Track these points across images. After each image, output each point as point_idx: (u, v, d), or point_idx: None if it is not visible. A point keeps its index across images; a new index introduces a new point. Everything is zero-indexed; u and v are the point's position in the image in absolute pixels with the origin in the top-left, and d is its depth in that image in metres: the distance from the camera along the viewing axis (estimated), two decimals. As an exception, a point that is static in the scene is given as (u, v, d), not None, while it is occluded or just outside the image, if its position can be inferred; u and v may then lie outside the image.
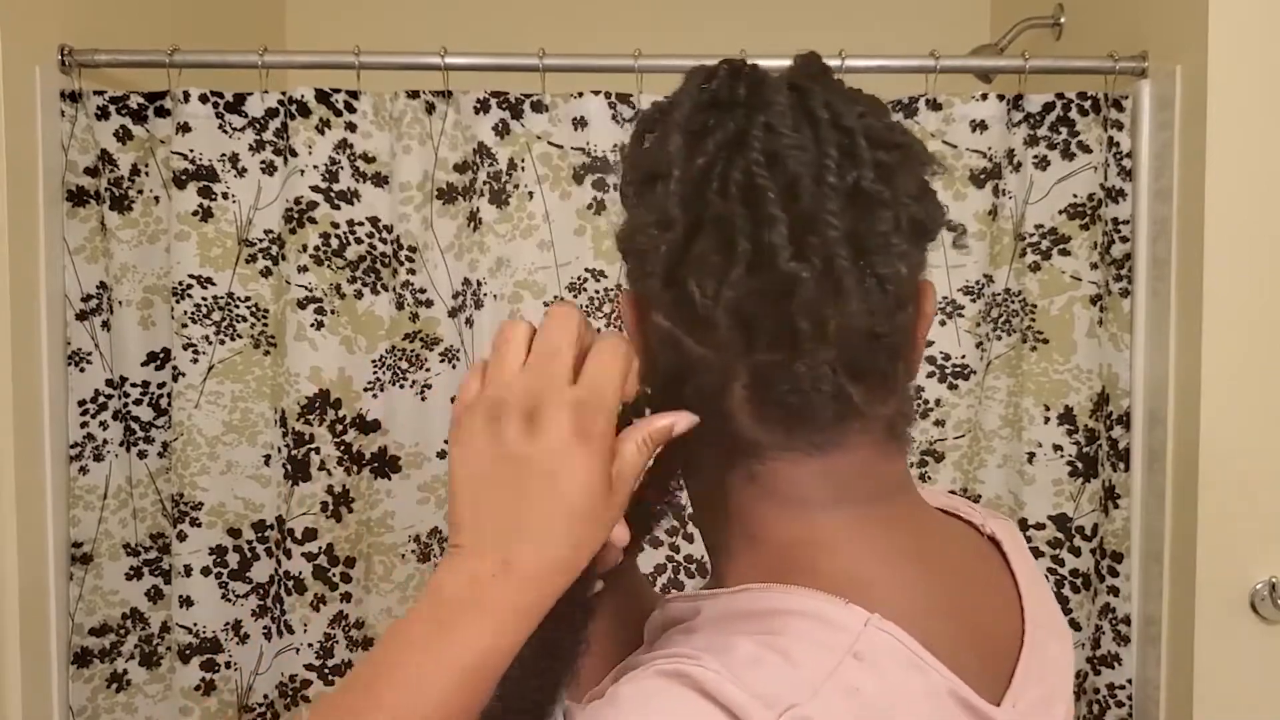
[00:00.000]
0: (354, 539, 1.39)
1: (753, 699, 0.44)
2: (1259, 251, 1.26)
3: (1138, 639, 1.40)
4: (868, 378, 0.51)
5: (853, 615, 0.49)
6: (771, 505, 0.53)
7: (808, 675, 0.46)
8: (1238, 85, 1.26)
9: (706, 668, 0.46)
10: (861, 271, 0.49)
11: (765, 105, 0.50)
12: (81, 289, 1.37)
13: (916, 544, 0.54)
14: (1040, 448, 1.40)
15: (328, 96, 1.35)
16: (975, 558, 0.59)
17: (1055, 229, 1.39)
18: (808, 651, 0.47)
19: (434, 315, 1.39)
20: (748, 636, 0.48)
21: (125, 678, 1.42)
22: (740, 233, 0.48)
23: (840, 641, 0.48)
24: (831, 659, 0.47)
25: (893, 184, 0.50)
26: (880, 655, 0.48)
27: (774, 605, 0.50)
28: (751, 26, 2.21)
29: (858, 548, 0.52)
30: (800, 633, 0.48)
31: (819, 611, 0.49)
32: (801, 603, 0.50)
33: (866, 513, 0.53)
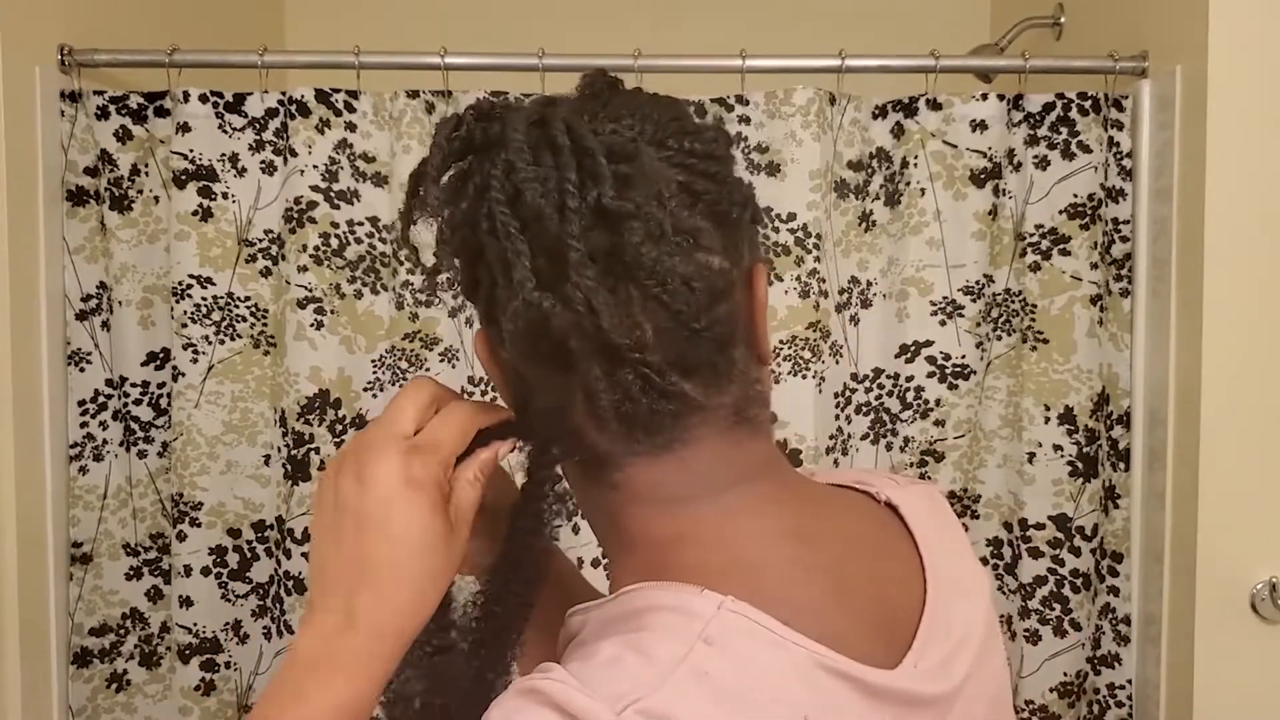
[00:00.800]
0: (354, 539, 1.39)
1: (597, 702, 0.45)
2: (1259, 251, 1.26)
3: (1138, 639, 1.40)
4: (698, 372, 0.53)
5: (706, 601, 0.50)
6: (637, 507, 0.55)
7: (658, 667, 0.47)
8: (1238, 85, 1.26)
9: (554, 679, 0.47)
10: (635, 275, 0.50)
11: (504, 143, 0.51)
12: (81, 289, 1.37)
13: (790, 521, 0.55)
14: (1040, 448, 1.40)
15: (327, 96, 1.35)
16: (868, 526, 0.59)
17: (1055, 229, 1.39)
18: (662, 643, 0.48)
19: (434, 315, 1.39)
20: (611, 639, 0.50)
21: (125, 678, 1.42)
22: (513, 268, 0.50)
23: (691, 628, 0.49)
24: (682, 646, 0.48)
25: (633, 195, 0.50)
26: (732, 637, 0.49)
27: (640, 604, 0.52)
28: (751, 26, 2.21)
29: (722, 535, 0.54)
30: (656, 625, 0.49)
31: (676, 603, 0.50)
32: (660, 597, 0.51)
33: (730, 499, 0.55)
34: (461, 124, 0.53)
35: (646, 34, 1.96)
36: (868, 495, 0.62)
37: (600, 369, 0.51)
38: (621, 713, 0.45)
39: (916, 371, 1.41)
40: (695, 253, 0.52)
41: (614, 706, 0.45)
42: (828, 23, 2.22)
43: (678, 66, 1.39)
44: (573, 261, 0.49)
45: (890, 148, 1.41)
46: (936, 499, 0.65)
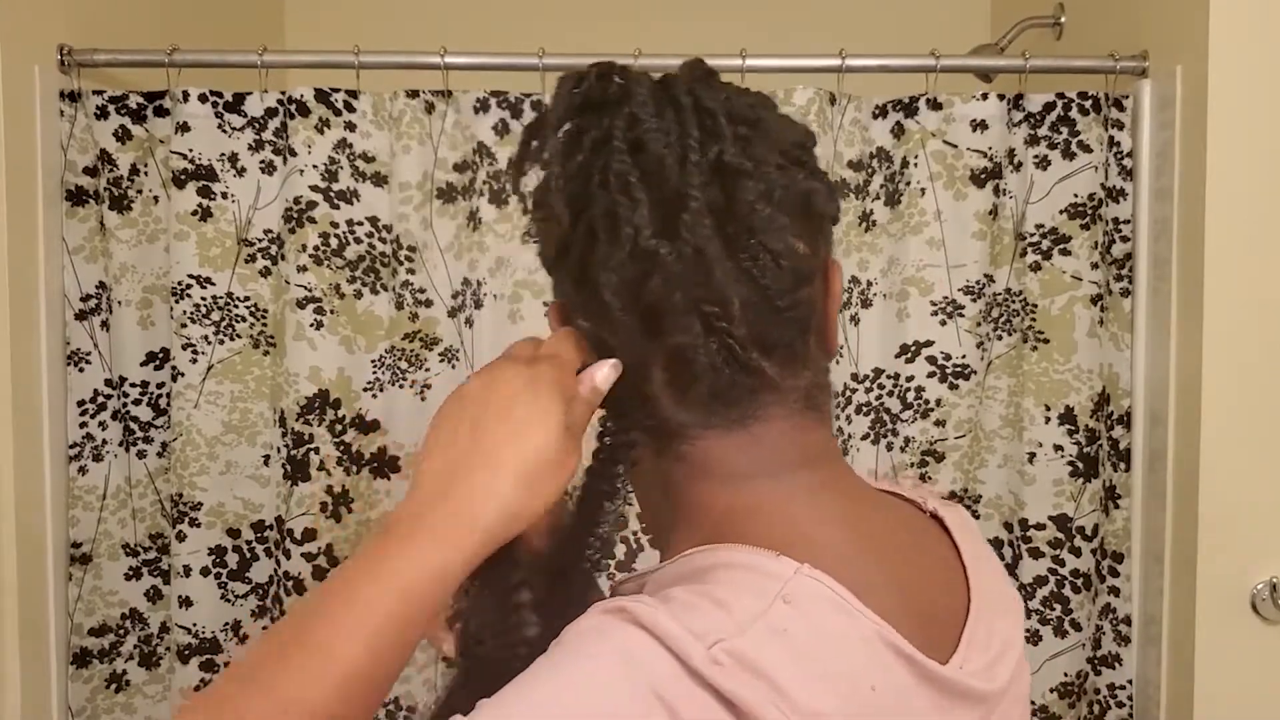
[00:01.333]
0: (353, 539, 1.39)
1: (685, 631, 0.46)
2: (1259, 251, 1.26)
3: (1138, 639, 1.39)
4: (776, 351, 0.55)
5: (783, 565, 0.50)
6: (702, 481, 0.56)
7: (737, 617, 0.48)
8: (1238, 85, 1.26)
9: (643, 603, 0.48)
10: (735, 244, 0.52)
11: (629, 98, 0.54)
12: (80, 289, 1.37)
13: (846, 509, 0.57)
14: (1041, 448, 1.40)
15: (327, 96, 1.35)
16: (915, 531, 0.60)
17: (1056, 229, 1.39)
18: (738, 597, 0.49)
19: (433, 315, 1.39)
20: (683, 588, 0.50)
21: (124, 678, 1.42)
22: (622, 220, 0.52)
23: (770, 587, 0.49)
24: (761, 602, 0.48)
25: (753, 156, 0.53)
26: (809, 600, 0.49)
27: (709, 561, 0.52)
28: (751, 26, 2.21)
29: (786, 512, 0.55)
30: (732, 581, 0.50)
31: (750, 563, 0.51)
32: (733, 556, 0.52)
33: (793, 480, 0.56)
34: (584, 80, 0.55)
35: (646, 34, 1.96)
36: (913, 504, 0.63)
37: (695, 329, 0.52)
38: (711, 648, 0.45)
39: (917, 371, 1.41)
40: (787, 234, 0.54)
41: (701, 638, 0.46)
42: (828, 23, 2.22)
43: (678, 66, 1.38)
44: (692, 210, 0.51)
45: (890, 147, 1.41)
46: (971, 522, 0.66)
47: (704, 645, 0.45)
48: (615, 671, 0.45)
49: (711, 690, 0.45)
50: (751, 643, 0.46)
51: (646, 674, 0.45)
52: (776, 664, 0.46)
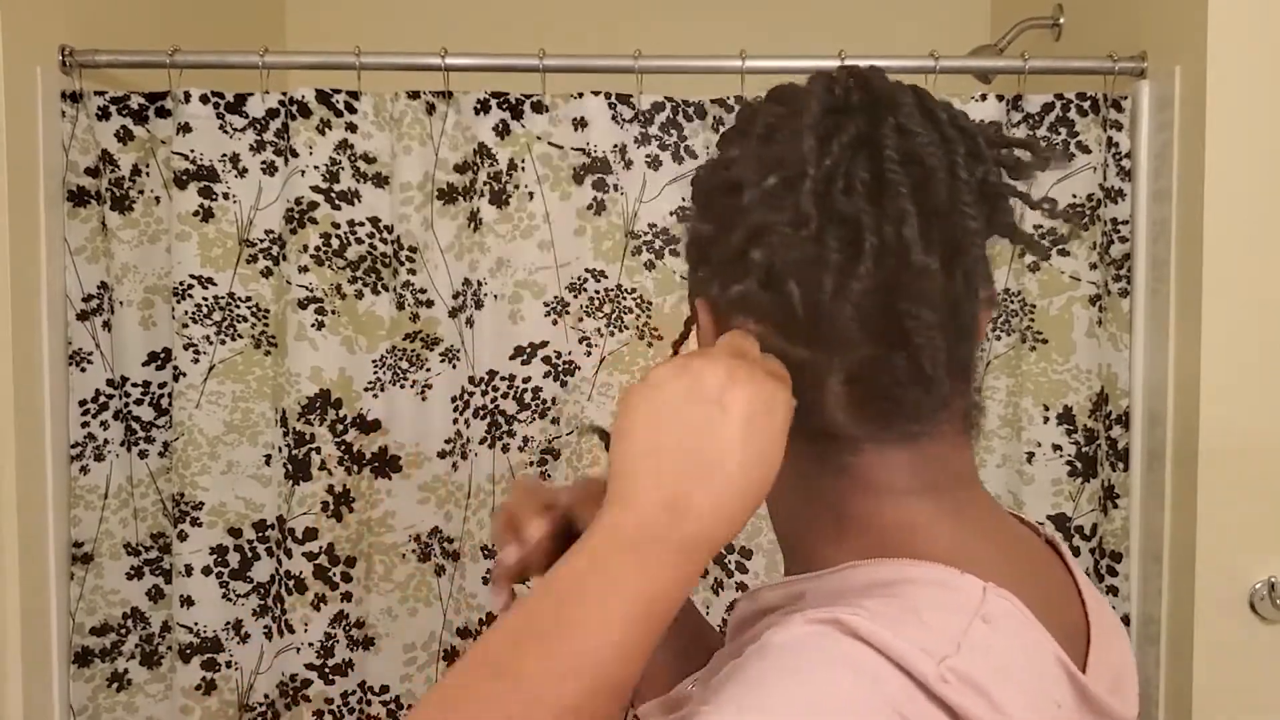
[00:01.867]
0: (354, 539, 1.39)
1: (912, 645, 0.45)
2: (1258, 251, 1.26)
3: (1137, 638, 1.40)
4: (955, 369, 0.54)
5: (971, 582, 0.50)
6: (864, 495, 0.55)
7: (946, 632, 0.47)
8: (1237, 85, 1.26)
9: (860, 615, 0.46)
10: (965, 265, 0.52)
11: (893, 107, 0.52)
12: (82, 289, 1.38)
13: (997, 529, 0.57)
14: (1039, 447, 1.41)
15: (328, 97, 1.36)
16: (1040, 554, 0.61)
17: (1055, 229, 1.39)
18: (936, 614, 0.48)
19: (434, 315, 1.39)
20: (877, 601, 0.49)
21: (126, 677, 1.42)
22: (868, 229, 0.50)
23: (966, 604, 0.49)
24: (962, 619, 0.48)
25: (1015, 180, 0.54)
26: (1003, 619, 0.49)
27: (891, 576, 0.51)
28: (751, 26, 2.21)
29: (948, 530, 0.54)
30: (924, 597, 0.49)
31: (940, 579, 0.50)
32: (919, 572, 0.51)
33: (951, 499, 0.55)
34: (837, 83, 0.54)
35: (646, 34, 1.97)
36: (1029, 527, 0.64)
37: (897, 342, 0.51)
38: (941, 664, 0.45)
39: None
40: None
41: (932, 658, 0.45)
42: (828, 23, 2.22)
43: (678, 67, 1.39)
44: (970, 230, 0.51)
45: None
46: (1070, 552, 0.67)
47: (934, 661, 0.45)
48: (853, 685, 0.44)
49: (943, 706, 0.45)
50: (967, 660, 0.46)
51: (884, 689, 0.44)
52: (990, 681, 0.46)
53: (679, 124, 1.39)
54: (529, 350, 1.39)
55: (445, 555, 1.42)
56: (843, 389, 0.53)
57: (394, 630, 1.40)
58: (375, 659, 1.40)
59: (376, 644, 1.40)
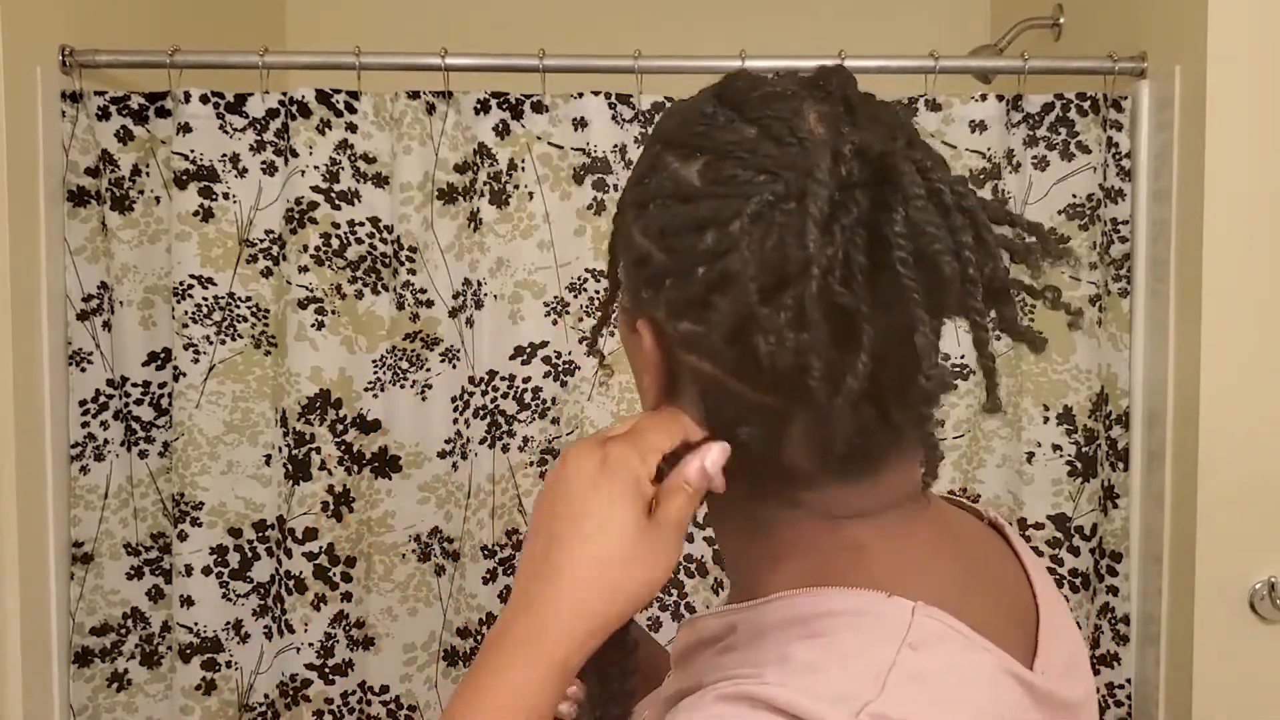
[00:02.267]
0: (354, 538, 1.39)
1: (825, 704, 0.44)
2: (1258, 251, 1.26)
3: (1136, 638, 1.40)
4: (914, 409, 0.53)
5: (898, 606, 0.49)
6: (815, 522, 0.54)
7: (868, 671, 0.46)
8: (1237, 85, 1.26)
9: (770, 683, 0.46)
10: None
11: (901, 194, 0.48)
12: (82, 289, 1.38)
13: (942, 534, 0.56)
14: (1039, 448, 1.41)
15: (328, 97, 1.36)
16: (988, 541, 0.61)
17: (1054, 229, 1.40)
18: (861, 648, 0.47)
19: (434, 315, 1.39)
20: (797, 643, 0.48)
21: (126, 677, 1.42)
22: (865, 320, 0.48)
23: (892, 633, 0.48)
24: (888, 651, 0.47)
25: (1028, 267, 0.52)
26: (933, 641, 0.48)
27: (816, 609, 0.50)
28: (751, 26, 2.21)
29: (891, 546, 0.54)
30: (849, 630, 0.48)
31: (864, 608, 0.49)
32: (844, 602, 0.50)
33: (898, 514, 0.55)
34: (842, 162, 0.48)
35: (646, 34, 1.97)
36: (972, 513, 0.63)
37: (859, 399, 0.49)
38: (858, 714, 0.44)
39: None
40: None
41: (849, 709, 0.44)
42: (828, 23, 2.22)
43: (678, 67, 1.39)
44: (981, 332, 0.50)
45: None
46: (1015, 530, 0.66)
47: (850, 712, 0.44)
48: None
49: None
50: (891, 699, 0.45)
51: None
52: (919, 714, 0.45)
53: (679, 124, 1.39)
54: (529, 350, 1.39)
55: (445, 555, 1.42)
56: (804, 433, 0.52)
57: (394, 630, 1.40)
58: (375, 659, 1.40)
59: (376, 644, 1.40)
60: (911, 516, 0.55)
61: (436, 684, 1.42)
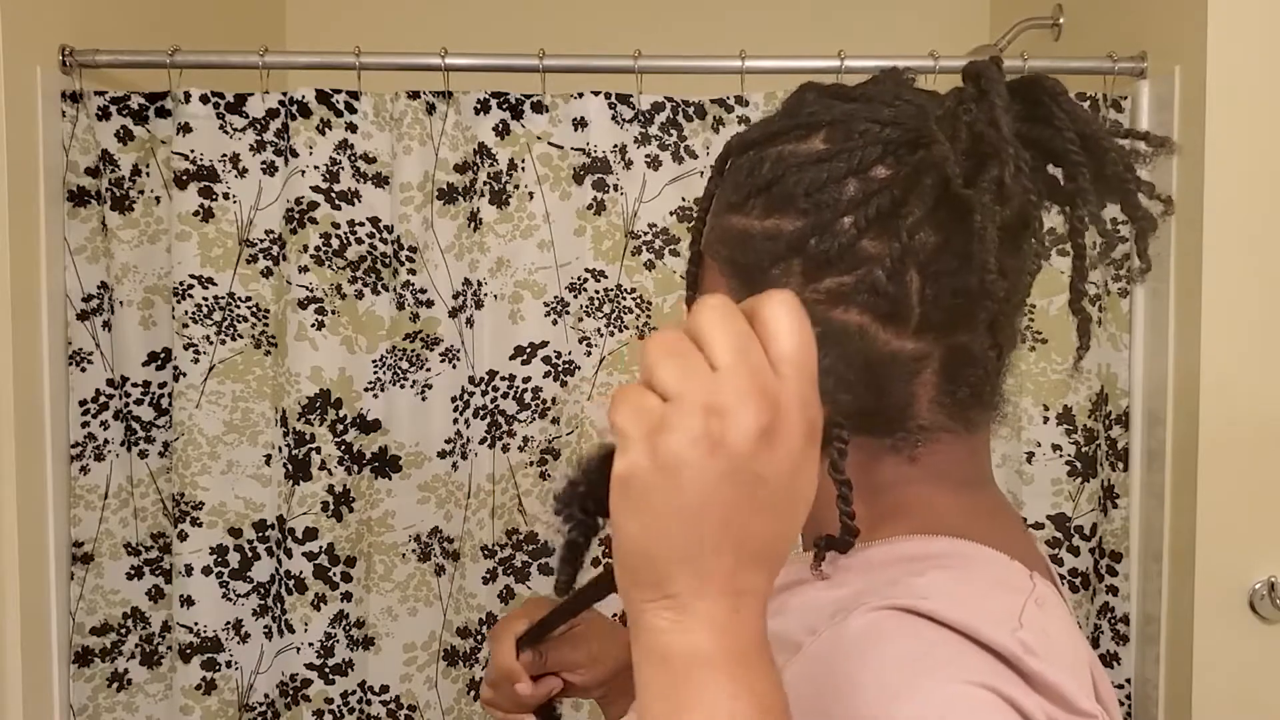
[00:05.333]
0: (355, 538, 1.39)
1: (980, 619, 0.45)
2: (1258, 251, 1.26)
3: (1136, 638, 1.40)
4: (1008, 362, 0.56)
5: (1019, 568, 0.50)
6: (924, 484, 0.55)
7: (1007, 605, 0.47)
8: (1237, 85, 1.26)
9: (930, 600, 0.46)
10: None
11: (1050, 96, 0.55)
12: (82, 289, 1.38)
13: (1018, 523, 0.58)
14: (1039, 447, 1.41)
15: (328, 97, 1.36)
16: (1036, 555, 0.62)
17: (1054, 229, 1.39)
18: (993, 592, 0.48)
19: (434, 315, 1.39)
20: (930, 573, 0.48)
21: (126, 677, 1.42)
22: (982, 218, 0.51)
23: (1020, 585, 0.49)
24: (1018, 599, 0.48)
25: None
26: (1053, 606, 0.49)
27: (942, 550, 0.51)
28: (751, 26, 2.21)
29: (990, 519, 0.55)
30: (978, 572, 0.49)
31: (984, 557, 0.50)
32: (971, 549, 0.51)
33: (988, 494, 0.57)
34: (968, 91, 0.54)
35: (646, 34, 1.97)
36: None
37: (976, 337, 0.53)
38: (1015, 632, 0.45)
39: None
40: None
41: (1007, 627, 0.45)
42: (828, 23, 2.22)
43: (678, 67, 1.39)
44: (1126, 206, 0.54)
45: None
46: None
47: (1007, 630, 0.45)
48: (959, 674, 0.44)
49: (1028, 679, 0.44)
50: (1031, 635, 0.46)
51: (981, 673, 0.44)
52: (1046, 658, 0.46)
53: (679, 124, 1.39)
54: (529, 350, 1.39)
55: (445, 555, 1.42)
56: (936, 379, 0.54)
57: (394, 630, 1.40)
58: (375, 659, 1.40)
59: (376, 644, 1.40)
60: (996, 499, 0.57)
61: (436, 684, 1.42)
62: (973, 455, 0.56)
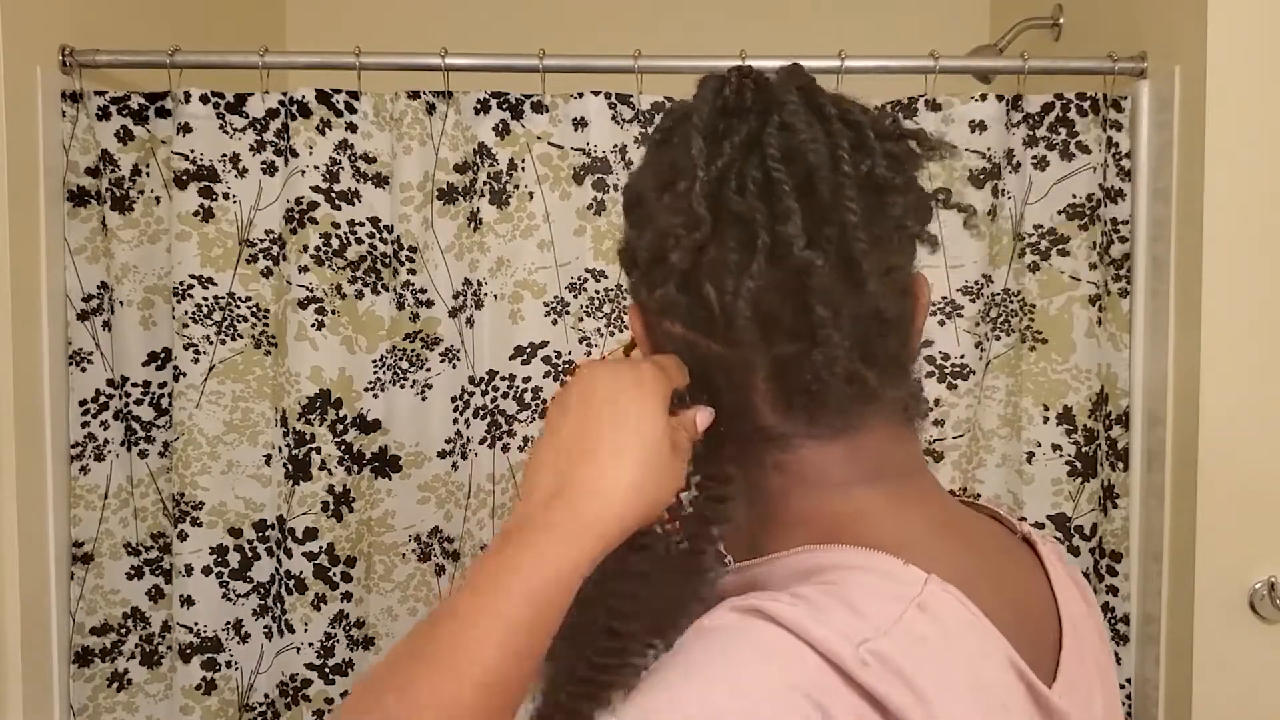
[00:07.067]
0: (354, 538, 1.39)
1: (831, 631, 0.45)
2: (1258, 251, 1.27)
3: (1136, 638, 1.40)
4: (880, 362, 0.54)
5: (911, 572, 0.50)
6: (801, 489, 0.55)
7: (876, 618, 0.47)
8: (1237, 85, 1.26)
9: (779, 601, 0.47)
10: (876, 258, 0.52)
11: (779, 105, 0.53)
12: (82, 289, 1.38)
13: (949, 521, 0.56)
14: (1039, 447, 1.41)
15: (328, 97, 1.36)
16: (1010, 549, 0.60)
17: (1054, 229, 1.40)
18: (871, 600, 0.48)
19: (434, 315, 1.39)
20: (809, 586, 0.49)
21: (126, 677, 1.42)
22: (760, 227, 0.51)
23: (903, 593, 0.48)
24: (896, 607, 0.47)
25: (902, 172, 0.54)
26: (943, 610, 0.48)
27: (834, 561, 0.51)
28: (751, 26, 2.22)
29: (896, 518, 0.54)
30: (862, 584, 0.49)
31: (878, 566, 0.50)
32: (861, 559, 0.51)
33: (895, 489, 0.55)
34: (727, 83, 0.55)
35: (646, 34, 1.97)
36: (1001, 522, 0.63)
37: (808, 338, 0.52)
38: (860, 646, 0.45)
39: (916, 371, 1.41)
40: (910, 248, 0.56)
41: (850, 640, 0.45)
42: (828, 23, 2.22)
43: (678, 67, 1.39)
44: (850, 224, 0.51)
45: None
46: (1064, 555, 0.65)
47: (852, 645, 0.45)
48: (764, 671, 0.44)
49: (861, 691, 0.44)
50: (894, 645, 0.45)
51: (795, 674, 0.44)
52: (918, 670, 0.45)
53: (679, 124, 1.39)
54: (529, 350, 1.39)
55: (445, 555, 1.42)
56: (767, 387, 0.54)
57: (394, 630, 1.40)
58: (375, 659, 1.40)
59: (376, 644, 1.40)
60: (913, 493, 0.56)
61: (436, 684, 1.42)
62: (848, 458, 0.55)
